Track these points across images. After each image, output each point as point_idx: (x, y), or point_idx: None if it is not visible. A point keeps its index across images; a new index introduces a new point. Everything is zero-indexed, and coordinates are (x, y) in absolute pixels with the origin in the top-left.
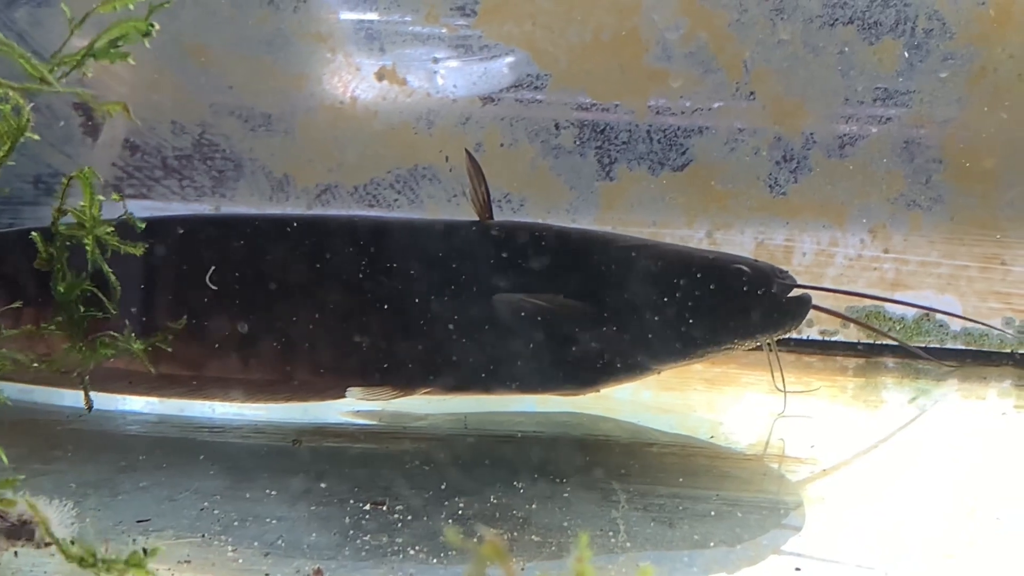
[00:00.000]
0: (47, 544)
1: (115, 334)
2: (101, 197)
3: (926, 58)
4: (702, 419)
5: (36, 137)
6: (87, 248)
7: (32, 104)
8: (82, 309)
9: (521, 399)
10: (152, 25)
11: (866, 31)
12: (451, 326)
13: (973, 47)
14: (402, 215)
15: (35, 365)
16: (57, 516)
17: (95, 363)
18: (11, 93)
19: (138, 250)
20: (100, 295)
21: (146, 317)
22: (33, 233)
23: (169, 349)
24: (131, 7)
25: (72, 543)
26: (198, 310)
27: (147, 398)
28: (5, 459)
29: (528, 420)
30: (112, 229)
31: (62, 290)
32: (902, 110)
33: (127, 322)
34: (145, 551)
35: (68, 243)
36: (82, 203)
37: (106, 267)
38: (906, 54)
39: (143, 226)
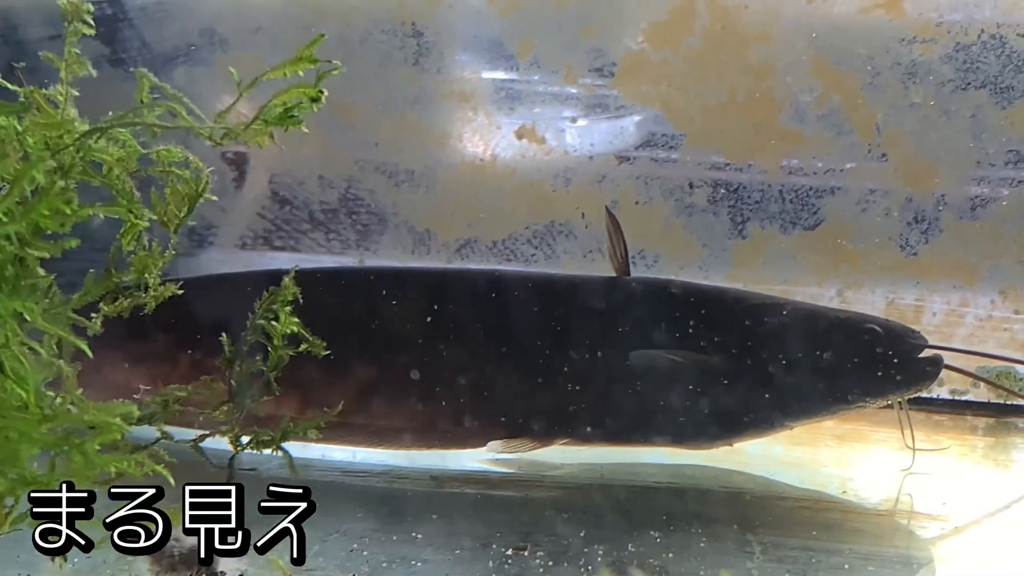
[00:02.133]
0: None
1: (271, 433)
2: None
3: None
4: (832, 474)
5: (215, 198)
6: (270, 355)
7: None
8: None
9: (654, 451)
10: (322, 91)
11: (998, 95)
12: (589, 380)
13: None
14: (540, 270)
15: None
16: None
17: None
18: (191, 157)
19: (321, 349)
20: (272, 381)
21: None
22: (223, 335)
23: (319, 437)
24: (300, 73)
25: None
26: (344, 360)
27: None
28: (172, 481)
29: (661, 472)
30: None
31: (235, 384)
32: None
33: (288, 416)
34: None
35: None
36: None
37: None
38: None
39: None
